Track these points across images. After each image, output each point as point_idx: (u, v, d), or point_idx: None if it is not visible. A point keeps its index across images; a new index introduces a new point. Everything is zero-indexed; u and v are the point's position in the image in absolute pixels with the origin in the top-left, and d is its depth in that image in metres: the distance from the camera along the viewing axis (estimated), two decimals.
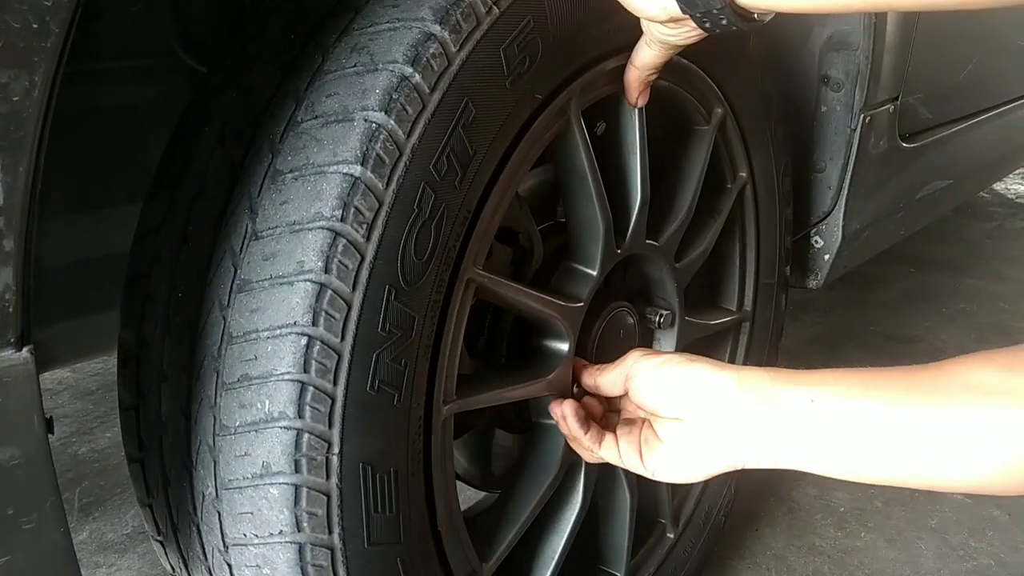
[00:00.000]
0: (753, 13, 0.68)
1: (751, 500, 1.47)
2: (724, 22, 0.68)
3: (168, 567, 0.80)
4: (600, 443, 0.78)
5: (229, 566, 0.68)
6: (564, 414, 0.79)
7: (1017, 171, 3.54)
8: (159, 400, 0.69)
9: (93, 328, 0.93)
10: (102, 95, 0.87)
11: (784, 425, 0.65)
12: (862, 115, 1.21)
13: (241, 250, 0.64)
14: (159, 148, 0.73)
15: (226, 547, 0.67)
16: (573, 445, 0.83)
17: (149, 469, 0.73)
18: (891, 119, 1.29)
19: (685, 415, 0.71)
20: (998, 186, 3.37)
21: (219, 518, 0.66)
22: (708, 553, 1.26)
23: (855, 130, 1.22)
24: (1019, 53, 1.80)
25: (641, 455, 0.75)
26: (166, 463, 0.71)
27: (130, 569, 1.38)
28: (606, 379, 0.81)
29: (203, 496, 0.67)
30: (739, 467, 0.69)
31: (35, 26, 0.46)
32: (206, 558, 0.71)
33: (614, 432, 0.79)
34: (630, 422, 0.79)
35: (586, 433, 0.79)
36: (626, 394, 0.79)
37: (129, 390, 0.73)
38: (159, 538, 0.77)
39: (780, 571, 1.31)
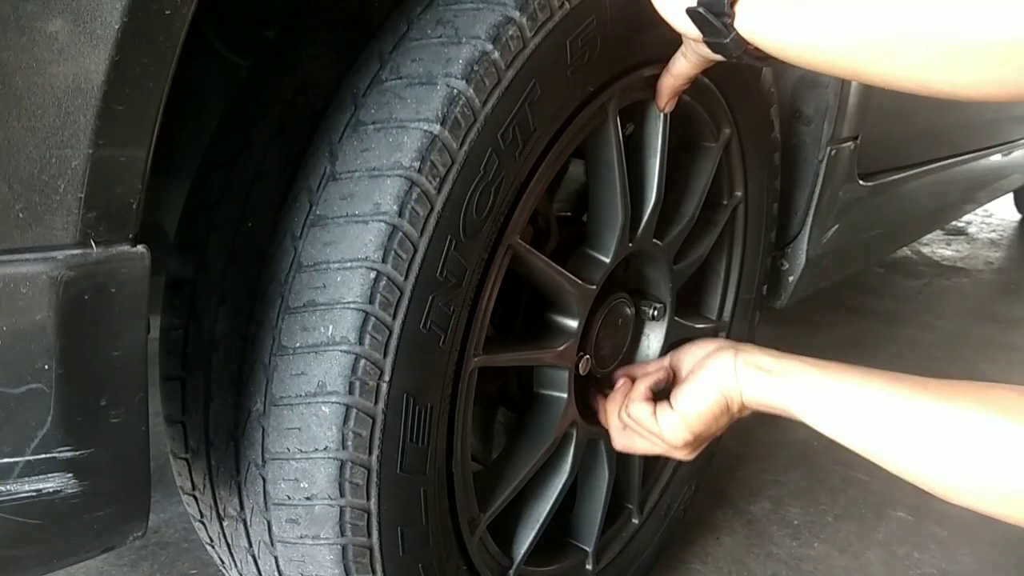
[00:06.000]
0: (761, 52, 0.72)
1: (710, 511, 1.56)
2: (731, 52, 0.73)
3: (188, 485, 0.84)
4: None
5: (263, 479, 0.74)
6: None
7: (941, 236, 3.80)
8: (214, 321, 0.75)
9: None
10: None
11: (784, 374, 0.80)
12: (828, 148, 1.31)
13: (318, 189, 0.70)
14: (186, 134, 0.76)
15: (264, 461, 0.73)
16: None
17: (190, 386, 0.78)
18: (852, 156, 1.39)
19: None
20: (924, 249, 3.60)
21: (262, 433, 0.72)
22: (665, 546, 1.34)
23: (822, 161, 1.32)
24: (965, 109, 1.89)
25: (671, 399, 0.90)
26: (212, 380, 0.76)
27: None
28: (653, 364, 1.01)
29: (249, 412, 0.73)
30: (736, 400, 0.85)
31: (167, 12, 0.51)
32: (238, 472, 0.76)
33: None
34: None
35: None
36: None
37: (179, 312, 0.78)
38: (185, 455, 0.82)
39: (741, 574, 1.40)
